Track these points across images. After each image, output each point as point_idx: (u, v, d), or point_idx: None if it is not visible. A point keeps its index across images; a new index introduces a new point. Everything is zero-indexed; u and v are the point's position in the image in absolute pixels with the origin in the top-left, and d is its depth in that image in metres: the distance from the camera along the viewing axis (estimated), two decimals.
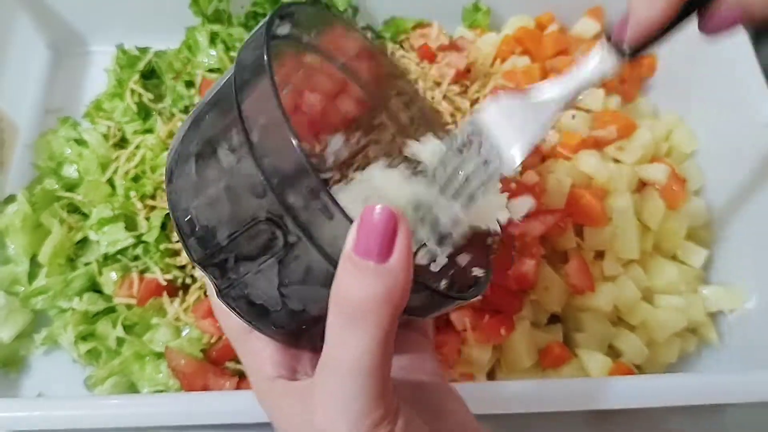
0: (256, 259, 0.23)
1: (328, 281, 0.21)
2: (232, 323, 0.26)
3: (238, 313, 0.25)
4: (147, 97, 0.58)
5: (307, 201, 0.21)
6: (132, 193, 0.52)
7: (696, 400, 0.42)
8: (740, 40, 0.53)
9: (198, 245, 0.24)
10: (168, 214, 0.52)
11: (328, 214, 0.21)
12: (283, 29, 0.27)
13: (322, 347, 0.22)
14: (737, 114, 0.53)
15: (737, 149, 0.53)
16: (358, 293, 0.20)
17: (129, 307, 0.50)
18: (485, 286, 0.27)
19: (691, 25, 0.29)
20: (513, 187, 0.50)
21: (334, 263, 0.21)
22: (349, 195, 0.28)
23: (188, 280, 0.51)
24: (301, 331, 0.25)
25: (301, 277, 0.23)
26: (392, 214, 0.20)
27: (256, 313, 0.24)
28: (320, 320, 0.22)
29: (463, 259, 0.28)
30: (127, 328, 0.49)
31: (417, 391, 0.26)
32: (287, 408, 0.24)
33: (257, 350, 0.26)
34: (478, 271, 0.28)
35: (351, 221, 0.21)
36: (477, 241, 0.29)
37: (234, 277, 0.24)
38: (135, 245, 0.51)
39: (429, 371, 0.27)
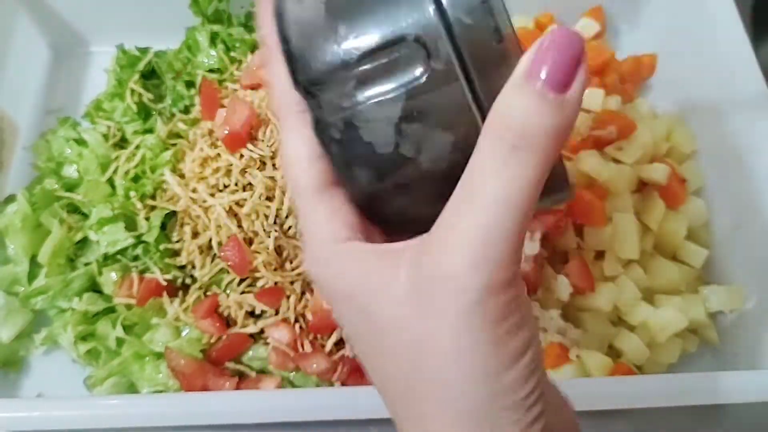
0: (386, 84, 0.19)
1: (460, 125, 0.18)
2: (312, 172, 0.21)
3: (335, 150, 0.21)
4: (147, 97, 0.58)
5: (475, 15, 0.18)
6: (132, 193, 0.52)
7: (697, 401, 0.42)
8: (740, 40, 0.53)
9: (315, 56, 0.20)
10: (168, 213, 0.52)
11: (497, 37, 0.18)
12: None
13: (403, 230, 0.19)
14: (737, 114, 0.53)
15: (737, 149, 0.53)
16: (530, 120, 0.17)
17: (129, 307, 0.50)
18: (573, 189, 0.23)
19: (693, 25, 0.29)
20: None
21: (480, 102, 0.18)
22: None
23: (188, 280, 0.51)
24: (396, 192, 0.21)
25: (432, 117, 0.19)
26: (581, 40, 0.17)
27: (356, 155, 0.20)
28: (425, 181, 0.19)
29: None
30: (127, 329, 0.49)
31: None
32: (369, 270, 0.20)
33: (332, 209, 0.21)
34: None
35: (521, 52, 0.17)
36: None
37: (347, 105, 0.20)
38: (135, 245, 0.51)
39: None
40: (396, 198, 0.21)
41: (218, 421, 0.42)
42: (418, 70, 0.19)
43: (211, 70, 0.58)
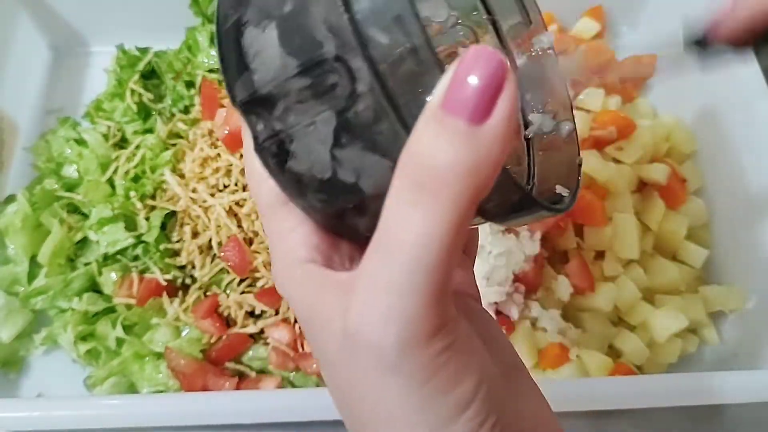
0: (313, 108, 0.18)
1: (394, 151, 0.16)
2: (264, 189, 0.20)
3: (275, 173, 0.20)
4: (147, 97, 0.58)
5: (393, 39, 0.16)
6: (132, 193, 0.52)
7: (696, 401, 0.42)
8: None
9: (246, 77, 0.19)
10: (168, 213, 0.52)
11: (416, 60, 0.16)
12: None
13: (366, 240, 0.17)
14: (737, 114, 0.53)
15: (737, 149, 0.53)
16: (438, 158, 0.15)
17: (129, 307, 0.50)
18: (574, 201, 0.22)
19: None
20: None
21: (408, 126, 0.16)
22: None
23: (188, 280, 0.51)
24: (346, 213, 0.20)
25: (363, 141, 0.18)
26: (501, 63, 0.14)
27: (296, 178, 0.19)
28: (372, 201, 0.18)
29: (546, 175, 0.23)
30: (127, 328, 0.49)
31: (467, 310, 0.21)
32: (317, 300, 0.19)
33: (290, 226, 0.20)
34: (562, 189, 0.22)
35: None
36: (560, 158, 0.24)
37: (280, 127, 0.19)
38: (135, 245, 0.51)
39: (474, 295, 0.23)
40: (347, 219, 0.20)
41: (218, 421, 0.42)
42: (343, 93, 0.17)
43: (211, 70, 0.58)
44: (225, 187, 0.51)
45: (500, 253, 0.47)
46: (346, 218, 0.20)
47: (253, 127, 0.20)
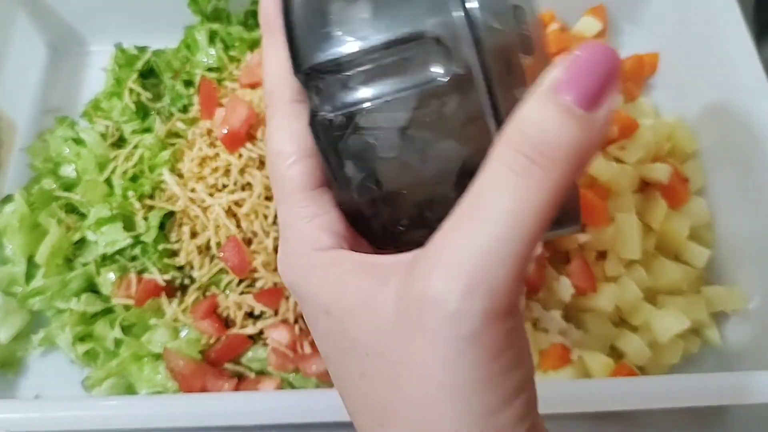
0: (395, 84, 0.17)
1: (476, 139, 0.17)
2: (294, 171, 0.19)
3: (328, 148, 0.19)
4: (145, 96, 0.58)
5: (504, 21, 0.16)
6: (130, 193, 0.52)
7: (699, 402, 0.41)
8: (743, 39, 0.53)
9: (323, 44, 0.18)
10: (166, 213, 0.52)
11: (524, 46, 0.17)
12: None
13: (398, 246, 0.17)
14: (739, 113, 0.53)
15: (739, 148, 0.53)
16: (552, 134, 0.15)
17: (127, 307, 0.50)
18: (579, 221, 0.21)
19: (694, 24, 0.28)
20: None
21: (500, 116, 0.17)
22: None
23: (187, 281, 0.51)
24: (393, 201, 0.19)
25: (443, 124, 0.17)
26: (616, 57, 0.16)
27: (356, 155, 0.18)
28: (426, 188, 0.18)
29: None
30: (125, 329, 0.49)
31: None
32: (349, 283, 0.18)
33: (315, 212, 0.19)
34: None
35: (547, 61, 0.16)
36: None
37: (351, 100, 0.18)
38: (133, 245, 0.51)
39: None
40: (389, 208, 0.19)
41: (217, 423, 0.42)
42: (435, 73, 0.17)
43: (209, 69, 0.58)
44: (224, 186, 0.51)
45: None
46: (387, 209, 0.19)
47: (315, 97, 0.19)
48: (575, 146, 0.16)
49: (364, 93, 0.18)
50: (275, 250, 0.49)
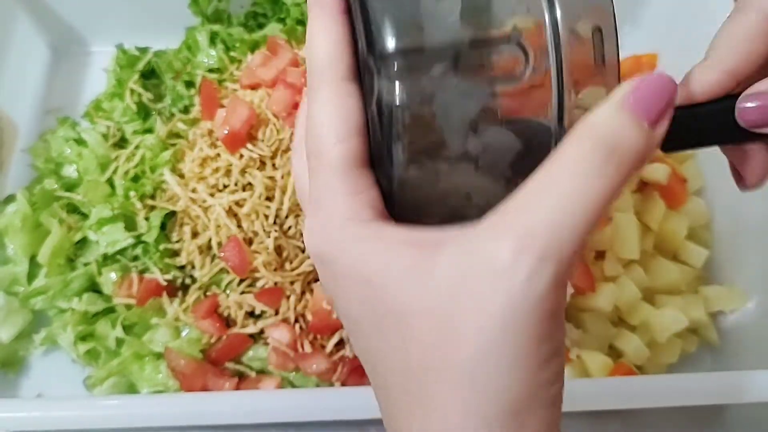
0: (475, 77, 0.19)
1: (533, 139, 0.18)
2: (340, 149, 0.20)
3: (387, 131, 0.19)
4: (146, 97, 0.58)
5: (585, 31, 0.19)
6: (131, 193, 0.52)
7: (697, 401, 0.42)
8: None
9: (406, 27, 0.19)
10: (168, 213, 0.52)
11: (599, 58, 0.19)
12: None
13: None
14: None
15: None
16: (627, 140, 0.18)
17: (128, 307, 0.50)
18: None
19: (693, 25, 0.28)
20: None
21: (563, 122, 0.19)
22: None
23: (188, 281, 0.51)
24: (440, 187, 0.20)
25: (509, 121, 0.19)
26: (675, 87, 0.19)
27: (413, 142, 0.19)
28: (475, 183, 0.19)
29: None
30: (127, 329, 0.49)
31: None
32: (395, 254, 0.19)
33: (357, 187, 0.20)
34: None
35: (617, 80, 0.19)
36: None
37: (429, 86, 0.19)
38: (134, 245, 0.51)
39: None
40: (432, 197, 0.20)
41: (218, 422, 0.42)
42: (514, 73, 0.19)
43: (210, 70, 0.58)
44: (225, 187, 0.51)
45: None
46: (431, 194, 0.20)
47: (386, 81, 0.19)
48: (641, 154, 0.19)
49: (444, 81, 0.19)
50: (276, 249, 0.49)
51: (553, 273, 0.17)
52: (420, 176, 0.20)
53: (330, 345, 0.47)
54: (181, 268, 0.52)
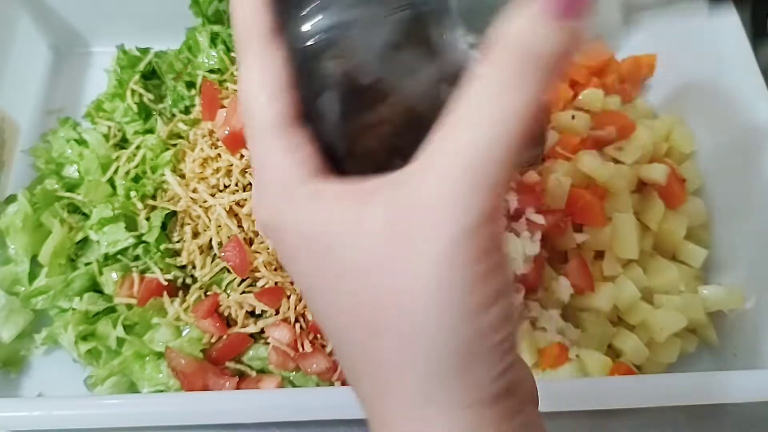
0: (377, 7, 0.19)
1: (449, 65, 0.17)
2: (273, 107, 0.20)
3: (307, 79, 0.19)
4: (147, 97, 0.58)
5: None
6: (132, 193, 0.52)
7: (695, 400, 0.42)
8: (739, 41, 0.53)
9: None
10: (168, 214, 0.52)
11: None
12: None
13: (369, 169, 0.18)
14: (736, 114, 0.53)
15: (736, 149, 0.53)
16: (541, 44, 0.16)
17: (129, 307, 0.50)
18: (543, 145, 0.23)
19: (692, 25, 0.28)
20: (513, 186, 0.50)
21: (476, 43, 0.18)
22: None
23: (188, 280, 0.52)
24: (372, 127, 0.19)
25: (421, 48, 0.18)
26: None
27: (332, 83, 0.19)
28: (404, 116, 0.18)
29: None
30: (128, 328, 0.49)
31: None
32: (336, 210, 0.18)
33: (292, 146, 0.19)
34: None
35: None
36: None
37: (329, 24, 0.19)
38: (135, 245, 0.51)
39: None
40: (365, 139, 0.20)
41: (218, 421, 0.42)
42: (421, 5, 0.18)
43: (211, 71, 0.58)
44: (225, 187, 0.51)
45: None
46: (365, 137, 0.20)
47: (295, 27, 0.19)
48: (554, 54, 0.17)
49: (344, 16, 0.19)
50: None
51: (483, 202, 0.17)
52: (350, 124, 0.20)
53: (331, 345, 0.48)
54: (182, 267, 0.52)
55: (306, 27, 0.19)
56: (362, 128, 0.20)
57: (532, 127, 0.17)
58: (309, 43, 0.19)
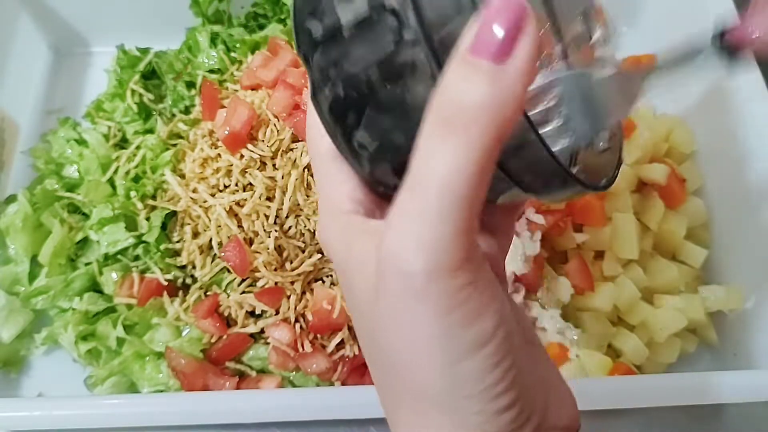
0: (362, 57, 0.19)
1: (427, 99, 0.17)
2: (321, 145, 0.22)
3: (323, 118, 0.21)
4: (147, 97, 0.58)
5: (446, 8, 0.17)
6: (132, 193, 0.52)
7: (695, 400, 0.42)
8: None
9: (310, 30, 0.21)
10: (168, 213, 0.52)
11: (466, 7, 0.17)
12: None
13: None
14: (736, 114, 0.53)
15: (736, 149, 0.53)
16: (466, 96, 0.16)
17: (129, 307, 0.50)
18: (614, 179, 0.23)
19: (691, 25, 0.29)
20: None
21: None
22: None
23: (188, 280, 0.52)
24: (380, 163, 0.21)
25: (402, 89, 0.19)
26: (521, 7, 0.16)
27: (351, 125, 0.20)
28: (403, 152, 0.19)
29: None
30: (128, 328, 0.49)
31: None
32: (354, 245, 0.20)
33: (339, 180, 0.22)
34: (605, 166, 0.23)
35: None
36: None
37: (333, 74, 0.20)
38: (135, 245, 0.51)
39: (501, 277, 0.24)
40: (380, 169, 0.21)
41: (218, 421, 0.42)
42: (390, 39, 0.19)
43: (211, 71, 0.58)
44: (225, 187, 0.51)
45: None
46: (379, 169, 0.21)
47: (311, 75, 0.21)
48: (490, 102, 0.16)
49: (339, 67, 0.20)
50: (276, 249, 0.50)
51: (424, 263, 0.17)
52: (362, 159, 0.21)
53: (331, 345, 0.48)
54: (182, 267, 0.52)
55: (318, 76, 0.21)
56: (377, 165, 0.21)
57: (488, 172, 0.17)
58: (324, 88, 0.21)
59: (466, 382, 0.18)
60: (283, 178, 0.50)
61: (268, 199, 0.50)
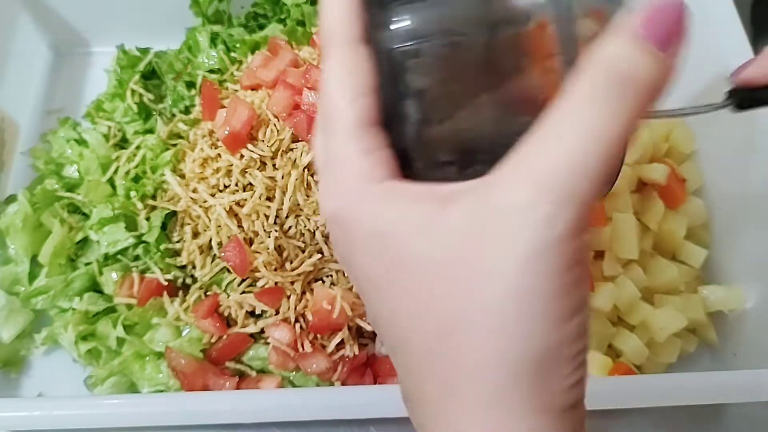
0: (470, 18, 0.19)
1: (537, 80, 0.18)
2: (355, 108, 0.20)
3: (392, 84, 0.20)
4: (147, 97, 0.58)
5: None
6: (132, 193, 0.52)
7: (695, 400, 0.42)
8: (739, 39, 0.53)
9: None
10: (168, 213, 0.52)
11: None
12: None
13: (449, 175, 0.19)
14: (736, 114, 0.53)
15: (736, 149, 0.53)
16: (639, 69, 0.17)
17: (129, 307, 0.50)
18: (617, 177, 0.22)
19: (691, 24, 0.28)
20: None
21: (570, 57, 0.18)
22: None
23: (188, 280, 0.52)
24: (448, 140, 0.20)
25: (511, 63, 0.19)
26: (684, 9, 0.18)
27: (417, 91, 0.19)
28: (492, 127, 0.19)
29: None
30: (128, 328, 0.49)
31: None
32: (409, 209, 0.19)
33: (371, 147, 0.20)
34: None
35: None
36: None
37: (422, 32, 0.19)
38: (135, 245, 0.51)
39: None
40: (444, 148, 0.20)
41: (218, 421, 0.42)
42: (512, 8, 0.19)
43: (211, 71, 0.58)
44: (225, 187, 0.51)
45: None
46: (446, 146, 0.20)
47: (386, 30, 0.20)
48: (652, 81, 0.18)
49: (437, 25, 0.19)
50: (276, 249, 0.50)
51: (572, 215, 0.17)
52: (429, 132, 0.20)
53: (331, 345, 0.48)
54: (182, 267, 0.52)
55: (395, 26, 0.19)
56: (440, 137, 0.20)
57: (620, 153, 0.18)
58: (396, 46, 0.19)
59: (562, 344, 0.18)
60: (283, 178, 0.50)
61: (268, 199, 0.50)
